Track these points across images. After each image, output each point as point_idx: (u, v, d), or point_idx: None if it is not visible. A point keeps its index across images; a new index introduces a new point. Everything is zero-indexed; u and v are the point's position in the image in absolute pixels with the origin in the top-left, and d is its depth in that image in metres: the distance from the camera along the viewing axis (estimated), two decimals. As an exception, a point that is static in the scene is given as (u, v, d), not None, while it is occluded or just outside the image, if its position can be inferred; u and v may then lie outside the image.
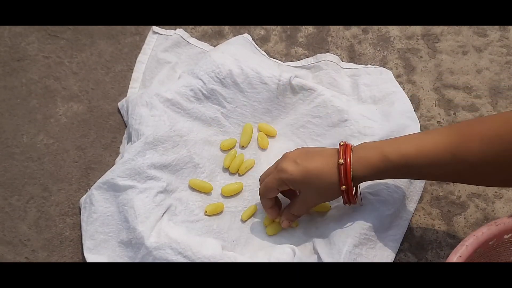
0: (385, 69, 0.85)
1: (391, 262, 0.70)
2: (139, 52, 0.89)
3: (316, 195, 0.68)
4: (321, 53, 0.87)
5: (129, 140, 0.79)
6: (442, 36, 0.89)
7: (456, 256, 0.55)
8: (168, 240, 0.68)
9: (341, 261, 0.66)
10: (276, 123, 0.82)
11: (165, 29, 0.91)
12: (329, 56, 0.86)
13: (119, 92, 0.86)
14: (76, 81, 0.87)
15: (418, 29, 0.90)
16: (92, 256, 0.71)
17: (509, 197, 0.75)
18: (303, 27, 0.91)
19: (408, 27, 0.90)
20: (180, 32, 0.90)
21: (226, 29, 0.91)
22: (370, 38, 0.89)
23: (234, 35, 0.90)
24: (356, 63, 0.87)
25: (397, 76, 0.85)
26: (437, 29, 0.89)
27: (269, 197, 0.70)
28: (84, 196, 0.75)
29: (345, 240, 0.67)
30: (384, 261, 0.69)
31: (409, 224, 0.73)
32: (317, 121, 0.79)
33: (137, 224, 0.69)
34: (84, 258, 0.71)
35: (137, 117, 0.78)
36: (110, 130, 0.83)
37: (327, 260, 0.67)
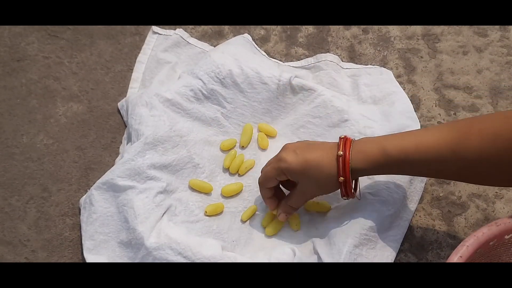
0: (386, 69, 0.85)
1: (391, 262, 0.70)
2: (139, 52, 0.89)
3: (314, 187, 0.68)
4: (321, 53, 0.87)
5: (129, 140, 0.79)
6: (443, 36, 0.89)
7: (457, 257, 0.55)
8: (168, 241, 0.68)
9: (341, 261, 0.66)
10: (276, 123, 0.82)
11: (165, 29, 0.91)
12: (329, 56, 0.85)
13: (119, 92, 0.86)
14: (76, 81, 0.87)
15: (419, 29, 0.90)
16: (92, 257, 0.71)
17: (510, 198, 0.75)
18: (303, 27, 0.91)
19: (408, 27, 0.90)
20: (180, 32, 0.90)
21: (226, 29, 0.91)
22: (370, 38, 0.89)
23: (234, 35, 0.90)
24: (356, 63, 0.87)
25: (398, 76, 0.85)
26: (438, 29, 0.89)
27: (268, 187, 0.71)
28: (84, 197, 0.75)
29: (345, 241, 0.67)
30: (384, 262, 0.69)
31: (410, 225, 0.73)
32: (317, 121, 0.79)
33: (137, 225, 0.69)
34: (84, 259, 0.71)
35: (137, 117, 0.78)
36: (110, 130, 0.83)
37: (327, 260, 0.66)
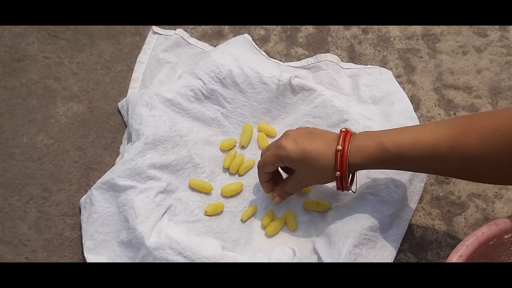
0: (385, 69, 0.85)
1: (391, 262, 0.70)
2: (139, 52, 0.89)
3: (310, 176, 0.68)
4: (321, 53, 0.87)
5: (129, 140, 0.79)
6: (442, 36, 0.89)
7: (457, 256, 0.55)
8: (168, 240, 0.68)
9: (341, 261, 0.66)
10: (276, 123, 0.82)
11: (165, 29, 0.91)
12: (329, 56, 0.86)
13: (119, 92, 0.86)
14: (76, 81, 0.87)
15: (418, 29, 0.90)
16: (92, 256, 0.71)
17: (509, 197, 0.75)
18: (303, 27, 0.91)
19: (408, 27, 0.90)
20: (180, 32, 0.90)
21: (226, 29, 0.91)
22: (370, 38, 0.89)
23: (234, 35, 0.90)
24: (356, 63, 0.87)
25: (397, 76, 0.85)
26: (437, 29, 0.89)
27: (266, 171, 0.71)
28: (84, 196, 0.75)
29: (345, 240, 0.67)
30: (384, 261, 0.69)
31: (409, 224, 0.73)
32: (317, 121, 0.79)
33: (137, 224, 0.69)
34: (84, 258, 0.71)
35: (137, 117, 0.78)
36: (110, 130, 0.83)
37: (327, 260, 0.67)
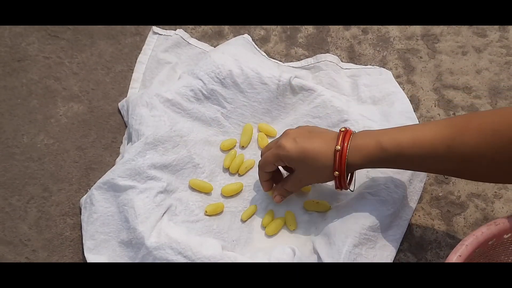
0: (385, 70, 0.85)
1: (391, 262, 0.70)
2: (139, 53, 0.89)
3: (310, 175, 0.69)
4: (321, 54, 0.87)
5: (129, 140, 0.79)
6: (442, 37, 0.89)
7: (456, 256, 0.55)
8: (168, 240, 0.68)
9: (341, 261, 0.66)
10: (276, 124, 0.82)
11: (165, 30, 0.91)
12: (329, 57, 0.86)
13: (119, 93, 0.86)
14: (77, 82, 0.87)
15: (418, 29, 0.90)
16: (93, 256, 0.71)
17: (509, 197, 0.75)
18: (303, 28, 0.91)
19: (408, 27, 0.90)
20: (180, 33, 0.90)
21: (226, 29, 0.91)
22: (370, 39, 0.89)
23: (234, 35, 0.90)
24: (356, 64, 0.87)
25: (397, 77, 0.85)
26: (437, 29, 0.90)
27: (266, 171, 0.72)
28: (85, 196, 0.75)
29: (345, 240, 0.67)
30: (384, 261, 0.69)
31: (409, 224, 0.73)
32: (317, 122, 0.79)
33: (138, 224, 0.69)
34: (85, 258, 0.71)
35: (137, 118, 0.78)
36: (111, 131, 0.83)
37: (327, 260, 0.67)
